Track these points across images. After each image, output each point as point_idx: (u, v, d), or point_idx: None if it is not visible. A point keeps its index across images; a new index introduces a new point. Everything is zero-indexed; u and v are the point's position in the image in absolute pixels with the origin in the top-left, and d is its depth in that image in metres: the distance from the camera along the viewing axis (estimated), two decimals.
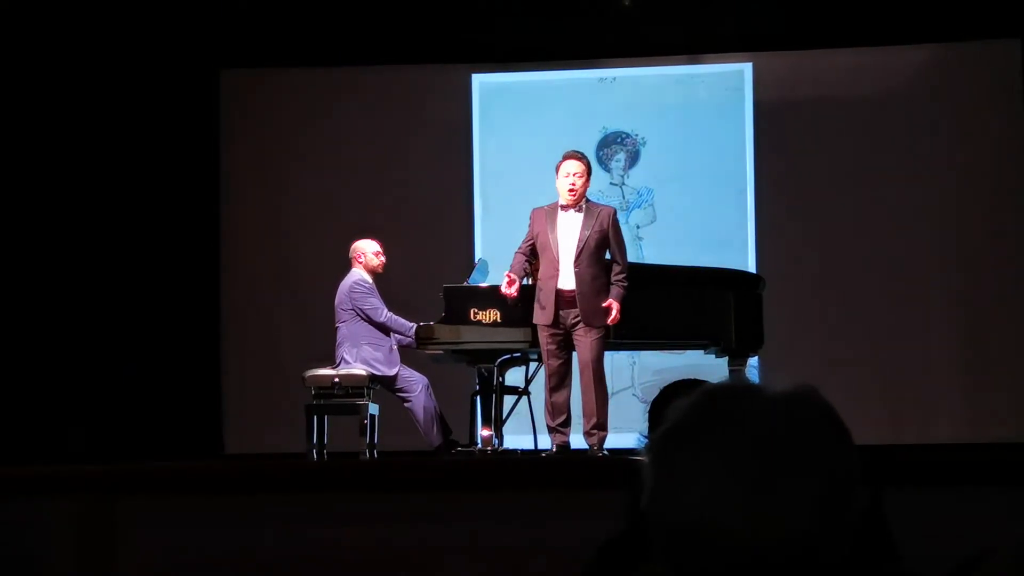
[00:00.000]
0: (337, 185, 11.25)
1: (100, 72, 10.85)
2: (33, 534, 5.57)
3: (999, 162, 10.84)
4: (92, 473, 6.13)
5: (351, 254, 8.90)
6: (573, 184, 7.91)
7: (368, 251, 8.87)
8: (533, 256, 8.00)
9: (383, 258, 8.89)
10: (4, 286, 10.51)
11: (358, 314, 8.68)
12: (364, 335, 8.67)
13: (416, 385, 8.67)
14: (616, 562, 2.45)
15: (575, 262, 7.84)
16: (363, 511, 5.76)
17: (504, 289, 7.91)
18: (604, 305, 7.82)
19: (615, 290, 7.87)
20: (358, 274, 8.81)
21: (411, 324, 8.55)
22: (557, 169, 8.01)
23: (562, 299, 7.84)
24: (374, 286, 8.78)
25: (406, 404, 8.69)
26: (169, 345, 10.86)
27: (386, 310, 8.68)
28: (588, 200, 8.03)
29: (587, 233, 7.86)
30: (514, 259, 8.05)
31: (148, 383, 10.70)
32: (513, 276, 7.91)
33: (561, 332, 7.88)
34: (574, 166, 7.95)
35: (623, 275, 7.92)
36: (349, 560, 5.54)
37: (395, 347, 8.73)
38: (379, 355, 8.65)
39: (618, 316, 7.82)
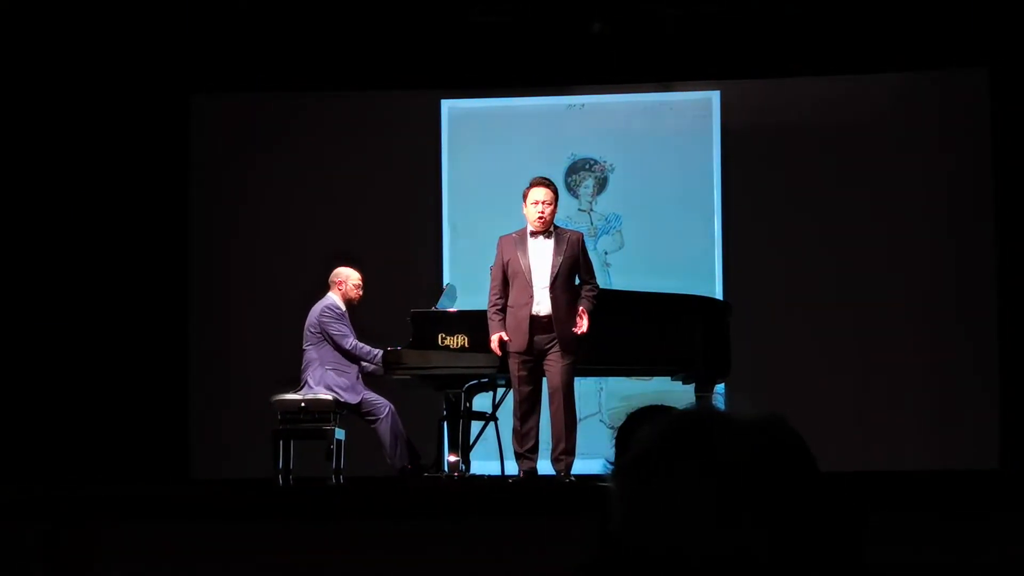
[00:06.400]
0: (306, 210, 11.23)
1: (68, 98, 10.81)
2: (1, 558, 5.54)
3: (966, 190, 10.89)
4: (60, 497, 6.11)
5: (333, 278, 8.89)
6: (542, 212, 7.87)
7: (350, 280, 8.87)
8: (504, 285, 7.96)
9: (361, 291, 8.89)
10: None
11: (325, 338, 8.66)
12: (329, 360, 8.65)
13: (383, 408, 8.65)
14: None
15: (550, 287, 7.83)
16: (330, 536, 5.76)
17: (496, 348, 7.89)
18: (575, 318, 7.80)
19: (585, 302, 7.83)
20: (331, 299, 8.80)
21: (376, 351, 8.53)
22: (525, 196, 7.95)
23: (537, 325, 7.81)
24: (345, 313, 8.77)
25: (372, 426, 8.68)
26: (136, 369, 10.79)
27: (352, 338, 8.66)
28: (556, 225, 8.01)
29: (560, 259, 7.83)
30: (492, 317, 7.90)
31: (115, 407, 10.63)
32: (503, 336, 7.86)
33: (532, 359, 7.85)
34: (543, 194, 7.90)
35: (594, 292, 7.91)
36: None
37: (360, 375, 8.71)
38: (342, 381, 8.63)
39: (588, 323, 7.76)
